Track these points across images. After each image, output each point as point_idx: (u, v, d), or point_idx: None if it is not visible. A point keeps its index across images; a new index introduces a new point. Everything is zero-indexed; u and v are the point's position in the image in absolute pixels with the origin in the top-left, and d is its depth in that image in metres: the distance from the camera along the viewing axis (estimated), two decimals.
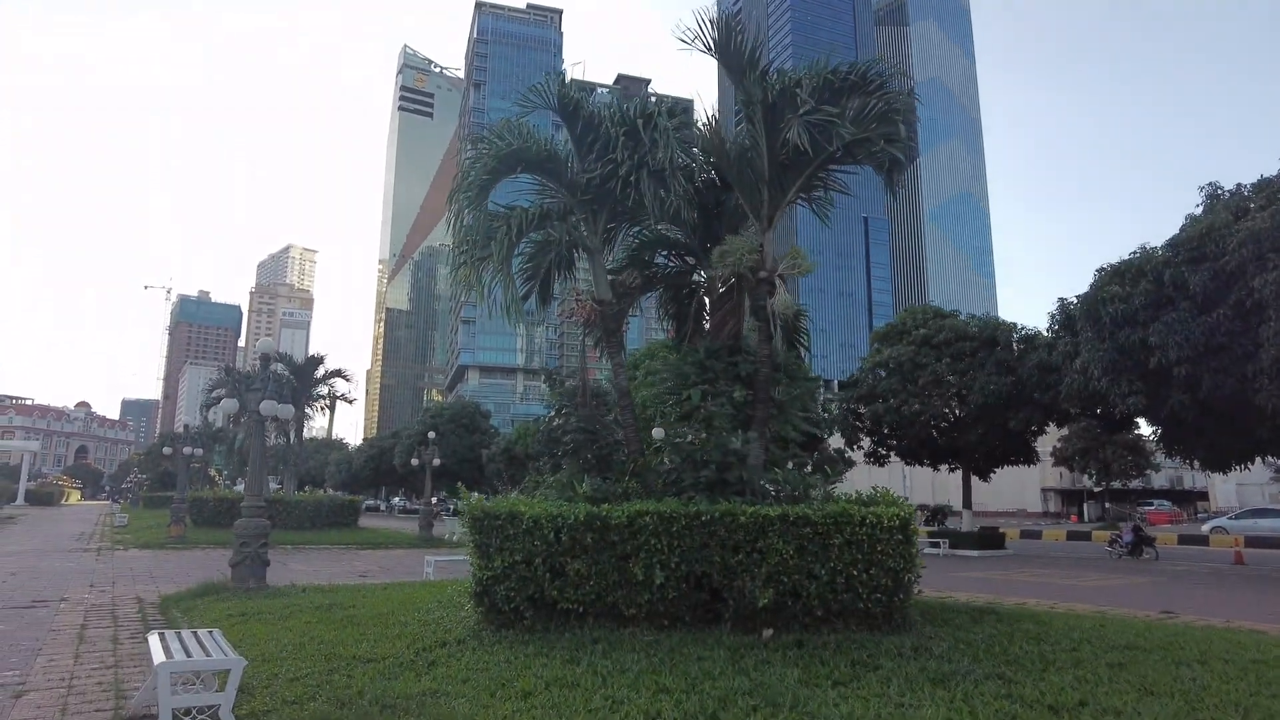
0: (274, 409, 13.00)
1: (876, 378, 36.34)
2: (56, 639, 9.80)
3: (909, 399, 35.71)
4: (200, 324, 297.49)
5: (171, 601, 12.36)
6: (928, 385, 36.75)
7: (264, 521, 13.16)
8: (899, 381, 35.33)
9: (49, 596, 13.51)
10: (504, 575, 8.67)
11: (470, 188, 10.30)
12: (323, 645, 8.18)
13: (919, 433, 36.64)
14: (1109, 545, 31.70)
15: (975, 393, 34.83)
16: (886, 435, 37.52)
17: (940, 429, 37.13)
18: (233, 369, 42.07)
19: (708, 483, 9.13)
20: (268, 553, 13.20)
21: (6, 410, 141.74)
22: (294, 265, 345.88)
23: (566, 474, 10.70)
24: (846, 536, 8.48)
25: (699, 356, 10.40)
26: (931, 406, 35.98)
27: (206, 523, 30.63)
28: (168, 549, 24.90)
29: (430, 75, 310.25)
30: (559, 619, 8.72)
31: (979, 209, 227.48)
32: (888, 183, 11.18)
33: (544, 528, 8.67)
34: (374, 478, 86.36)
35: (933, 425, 36.30)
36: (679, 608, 8.57)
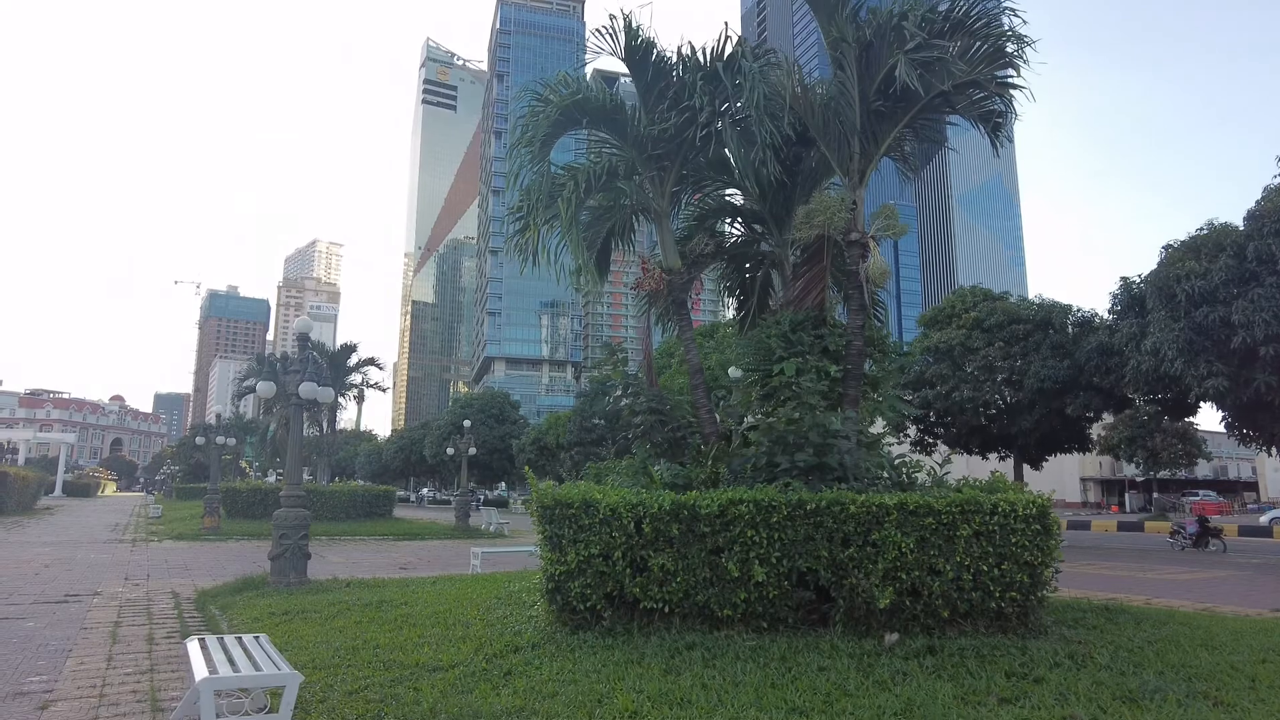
0: (314, 391, 12.13)
1: (924, 363, 34.96)
2: (88, 638, 8.99)
3: (959, 385, 34.36)
4: (229, 318, 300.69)
5: (209, 597, 11.55)
6: (979, 370, 35.36)
7: (304, 512, 12.31)
8: (948, 367, 34.00)
9: (82, 591, 12.78)
10: (579, 570, 7.68)
11: (531, 142, 9.30)
12: (379, 650, 7.25)
13: (968, 420, 35.24)
14: (1171, 537, 30.26)
15: (1030, 378, 33.37)
16: (934, 423, 36.21)
17: (990, 416, 35.74)
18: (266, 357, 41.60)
19: (805, 467, 8.07)
20: (308, 545, 12.35)
21: (44, 404, 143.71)
22: (321, 259, 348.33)
23: (638, 459, 9.69)
24: (975, 527, 7.39)
25: (783, 329, 9.35)
26: (982, 393, 34.61)
27: (240, 514, 30.10)
28: (202, 540, 24.33)
29: (453, 68, 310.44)
30: (641, 619, 7.73)
31: (1008, 194, 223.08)
32: (992, 137, 10.02)
33: (623, 518, 7.67)
34: (404, 468, 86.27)
35: (982, 412, 34.92)
36: (780, 608, 7.53)
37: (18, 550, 19.96)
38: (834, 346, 9.49)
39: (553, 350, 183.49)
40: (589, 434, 53.05)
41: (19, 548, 20.79)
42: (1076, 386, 33.14)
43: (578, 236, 9.19)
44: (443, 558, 20.64)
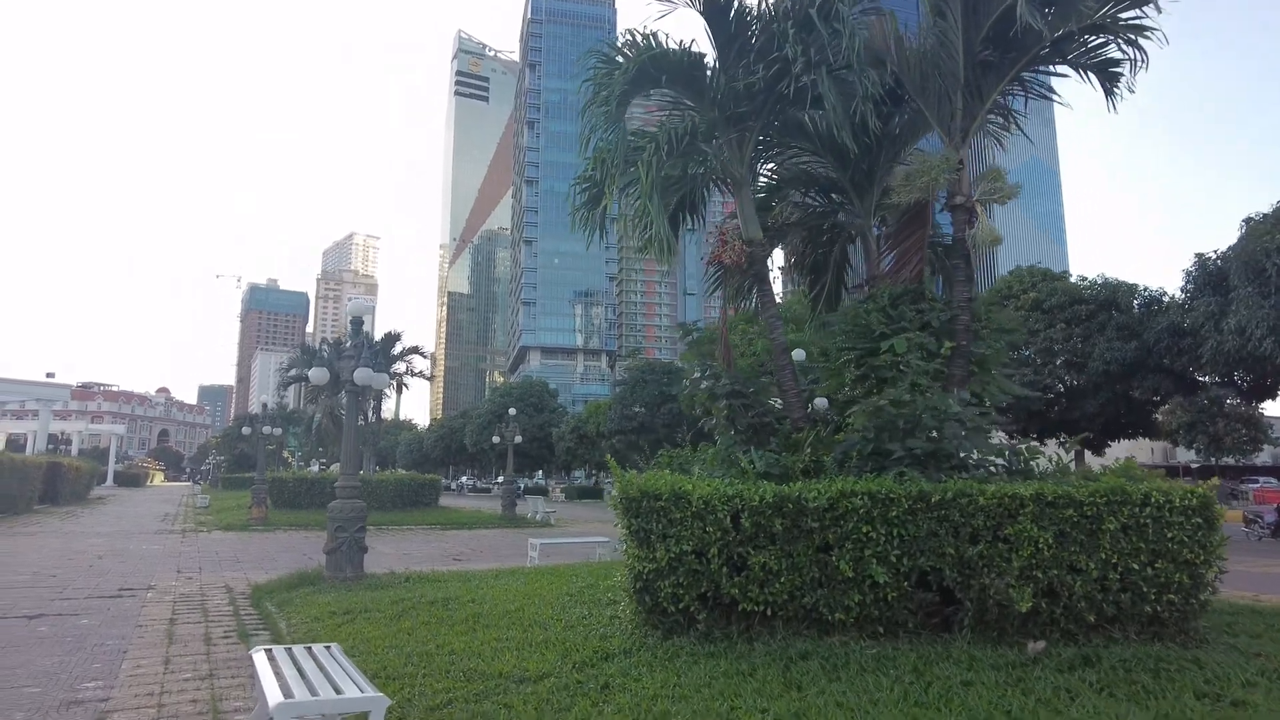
0: (370, 378, 11.56)
1: None
2: (144, 637, 8.51)
3: (1018, 368, 33.12)
4: (270, 311, 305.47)
5: (264, 593, 11.06)
6: (1038, 354, 34.00)
7: (360, 504, 11.77)
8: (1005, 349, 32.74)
9: (136, 584, 12.41)
10: (669, 569, 6.96)
11: (606, 102, 8.53)
12: (456, 656, 6.61)
13: (1028, 405, 33.98)
14: (1246, 525, 28.76)
15: (1094, 360, 31.98)
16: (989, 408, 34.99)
17: (1049, 400, 34.38)
18: (309, 347, 41.55)
19: (922, 455, 7.23)
20: (364, 538, 11.81)
21: (95, 396, 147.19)
22: (358, 252, 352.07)
23: (721, 446, 8.92)
24: (1123, 520, 6.52)
25: (882, 303, 8.51)
26: (1042, 376, 33.27)
27: (286, 504, 29.97)
28: (250, 531, 24.14)
29: (484, 59, 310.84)
30: (739, 623, 6.99)
31: (1051, 173, 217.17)
32: (1107, 90, 9.03)
33: (718, 511, 6.92)
34: (444, 457, 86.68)
35: (1041, 397, 33.60)
36: (899, 612, 6.73)
37: (72, 541, 19.86)
38: (937, 322, 8.62)
39: (587, 339, 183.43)
40: (629, 421, 52.52)
41: (73, 538, 20.72)
42: (1144, 368, 31.69)
43: (659, 203, 8.42)
44: (494, 548, 20.13)
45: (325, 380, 12.48)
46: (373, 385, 11.71)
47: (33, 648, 7.96)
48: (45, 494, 33.80)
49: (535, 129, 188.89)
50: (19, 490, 29.54)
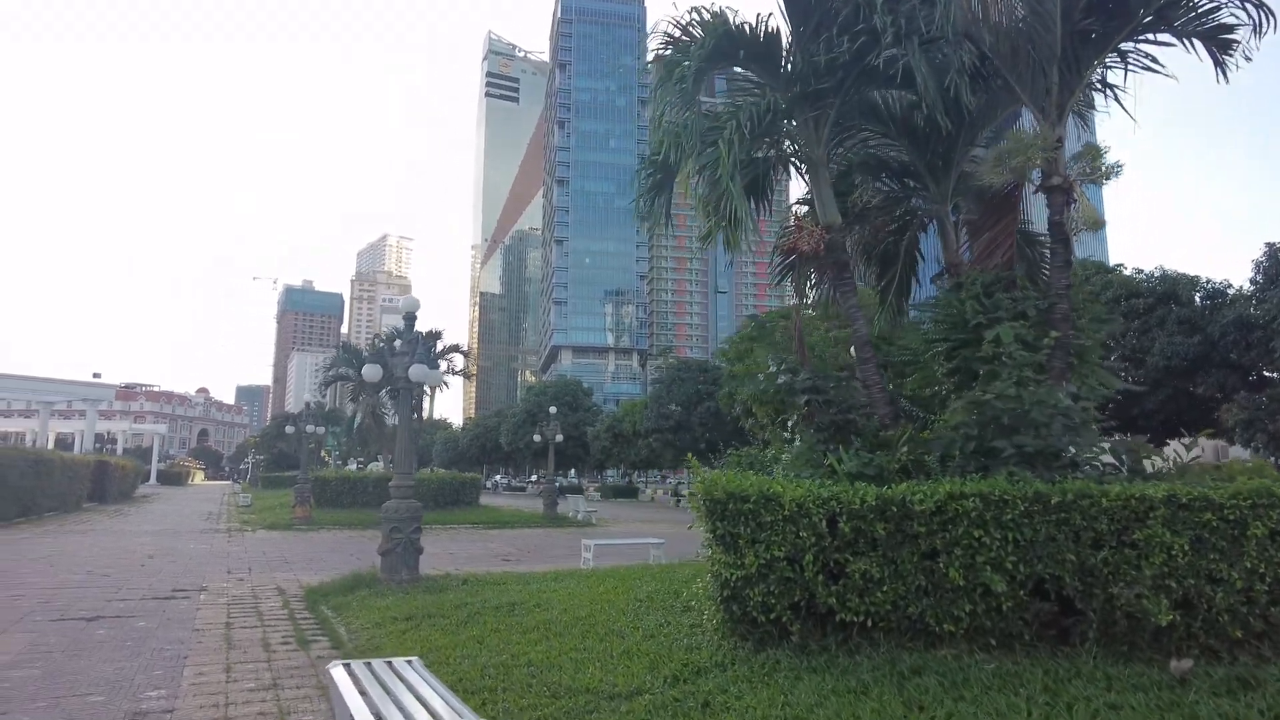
0: (424, 375, 11.23)
1: None
2: (202, 642, 8.22)
3: None
4: (305, 312, 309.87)
5: (318, 595, 10.77)
6: None
7: (415, 504, 11.45)
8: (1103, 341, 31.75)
9: (188, 585, 12.21)
10: (759, 576, 6.47)
11: (681, 79, 8.03)
12: (536, 669, 6.19)
13: None
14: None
15: (1154, 355, 30.82)
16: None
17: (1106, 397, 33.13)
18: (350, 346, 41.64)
19: (1032, 454, 6.66)
20: (420, 538, 11.48)
21: (138, 397, 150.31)
22: (391, 253, 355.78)
23: (805, 446, 8.40)
24: (1271, 525, 5.90)
25: (975, 290, 7.94)
26: None
27: (328, 503, 29.93)
28: (295, 530, 24.09)
29: (514, 60, 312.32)
30: (836, 634, 6.48)
31: None
32: (1218, 58, 8.36)
33: (813, 515, 6.42)
34: (479, 456, 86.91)
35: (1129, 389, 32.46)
36: (1013, 623, 6.18)
37: (123, 540, 19.88)
38: (1033, 311, 8.02)
39: (618, 338, 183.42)
40: (666, 420, 52.03)
41: (124, 537, 20.76)
42: (1208, 364, 30.46)
43: (740, 184, 7.92)
44: (541, 548, 19.80)
45: (379, 378, 12.19)
46: (426, 382, 11.37)
47: (93, 652, 7.70)
48: (94, 492, 34.23)
49: (566, 128, 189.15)
50: (69, 489, 29.88)
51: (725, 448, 40.80)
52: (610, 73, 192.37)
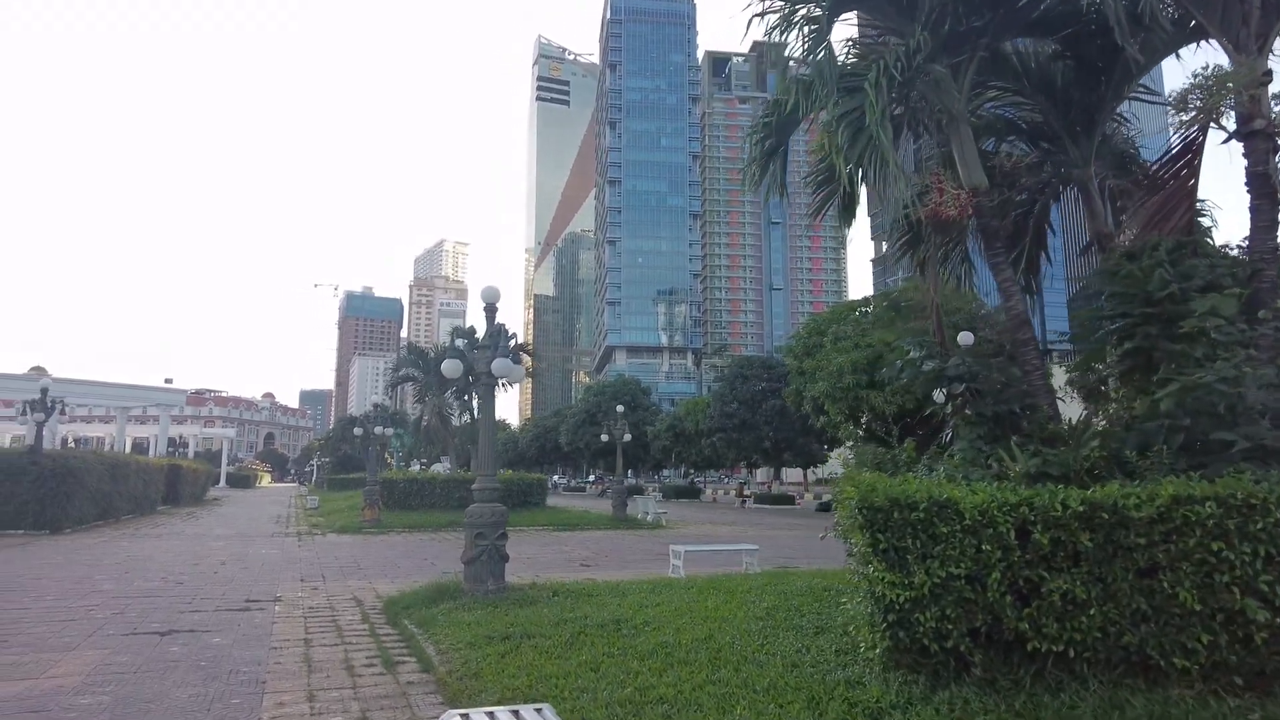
0: (507, 369, 10.39)
1: None
2: (280, 663, 7.47)
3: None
4: (365, 317, 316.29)
5: (398, 608, 9.99)
6: None
7: (501, 508, 10.63)
8: None
9: (261, 595, 11.60)
10: (932, 597, 5.39)
11: (809, 20, 7.00)
12: (672, 708, 5.21)
13: None
14: None
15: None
16: None
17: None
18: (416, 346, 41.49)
19: (1272, 449, 5.45)
20: (505, 545, 10.64)
21: (207, 402, 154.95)
22: (448, 258, 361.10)
23: (967, 443, 7.26)
24: None
25: (1160, 257, 6.72)
26: None
27: (396, 504, 29.55)
28: (365, 533, 23.68)
29: (564, 63, 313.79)
30: (1027, 666, 5.35)
31: None
32: None
33: (999, 524, 5.32)
34: (538, 456, 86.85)
35: None
36: (1270, 659, 4.98)
37: (195, 544, 19.63)
38: (1228, 281, 6.75)
39: (671, 338, 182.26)
40: (729, 419, 50.77)
41: (196, 541, 20.54)
42: None
43: (889, 133, 6.85)
44: (617, 552, 18.89)
45: (459, 373, 11.40)
46: (508, 377, 10.53)
47: (167, 674, 7.00)
48: (167, 495, 34.63)
49: (617, 129, 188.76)
50: (145, 492, 30.15)
51: (791, 447, 39.41)
52: (660, 71, 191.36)
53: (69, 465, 22.12)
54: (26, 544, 18.77)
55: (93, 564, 14.98)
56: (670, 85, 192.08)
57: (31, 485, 21.18)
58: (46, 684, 6.69)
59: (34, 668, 7.21)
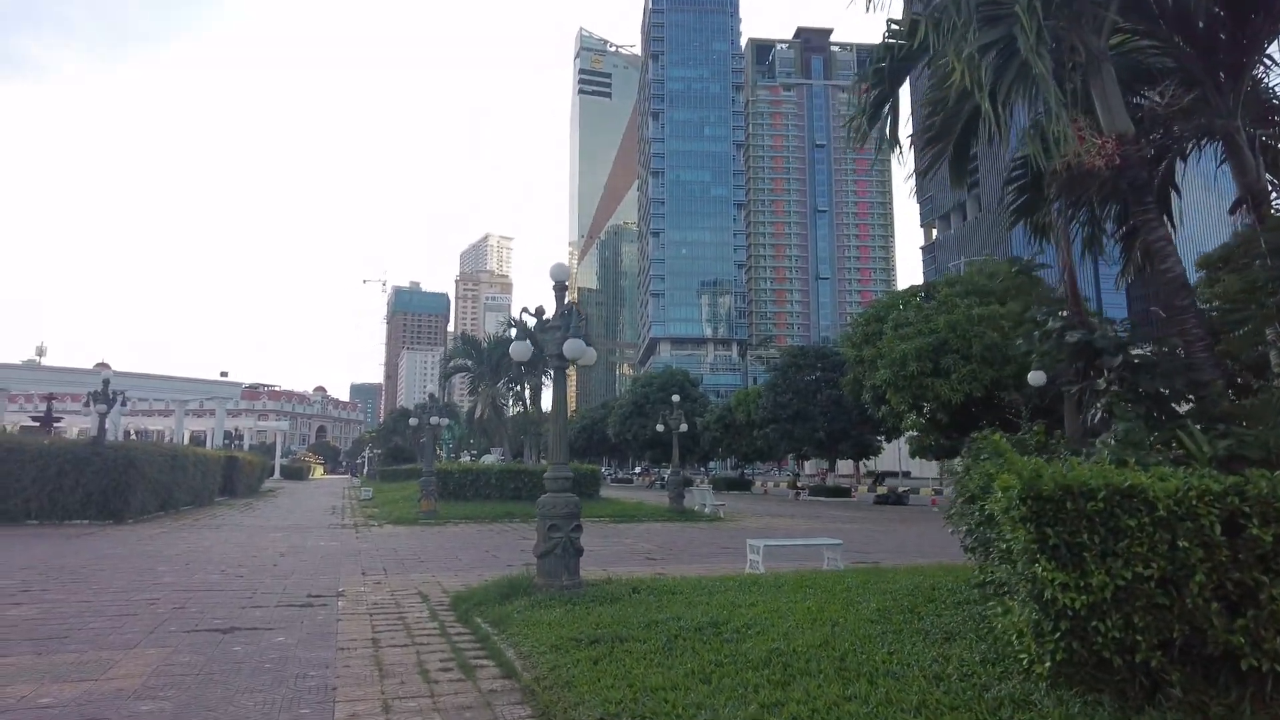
0: (580, 351, 9.71)
1: None
2: (350, 666, 6.88)
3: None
4: (413, 312, 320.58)
5: (470, 605, 9.39)
6: None
7: (574, 498, 9.96)
8: None
9: (324, 590, 11.11)
10: (1114, 603, 4.53)
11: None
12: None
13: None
14: None
15: None
16: None
17: None
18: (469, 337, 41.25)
19: None
20: (580, 537, 9.97)
21: (260, 396, 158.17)
22: (492, 252, 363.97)
23: (1128, 425, 6.34)
24: None
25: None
26: None
27: (451, 495, 29.26)
28: (422, 525, 23.33)
29: (606, 55, 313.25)
30: (1238, 687, 4.46)
31: None
32: None
33: (1202, 516, 4.43)
34: (586, 447, 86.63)
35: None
36: None
37: (253, 536, 19.42)
38: None
39: (715, 329, 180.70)
40: (783, 410, 49.61)
41: (254, 532, 20.36)
42: None
43: (1047, 63, 5.94)
44: (681, 546, 18.16)
45: (527, 356, 10.75)
46: (580, 359, 9.83)
47: (230, 678, 6.45)
48: (224, 487, 34.89)
49: (659, 119, 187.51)
50: (203, 484, 30.34)
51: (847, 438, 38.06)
52: (703, 60, 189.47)
53: (130, 456, 22.16)
54: (92, 533, 18.75)
55: (154, 555, 14.74)
56: (713, 74, 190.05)
57: (95, 476, 21.24)
58: (106, 686, 6.19)
59: (94, 667, 6.74)
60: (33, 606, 9.43)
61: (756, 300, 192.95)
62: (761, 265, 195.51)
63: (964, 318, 33.42)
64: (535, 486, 29.60)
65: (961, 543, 8.24)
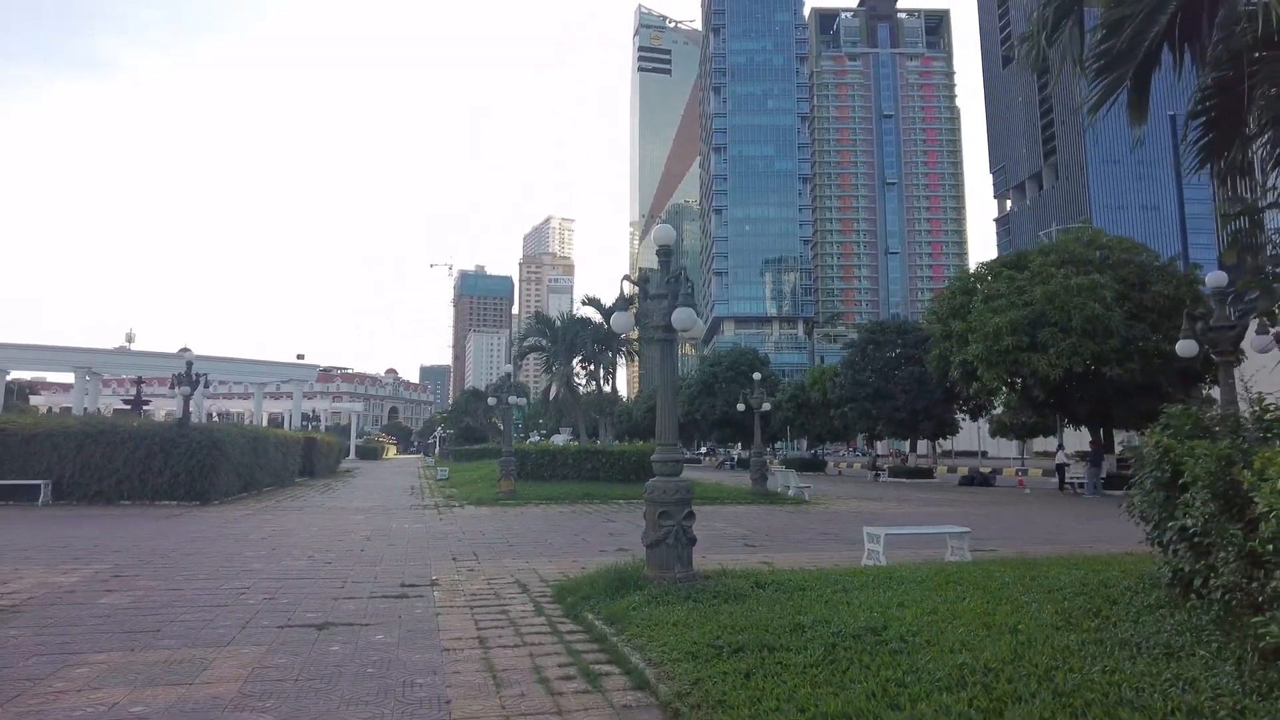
0: (689, 320, 8.78)
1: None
2: (459, 672, 6.14)
3: None
4: (479, 295, 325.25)
5: (575, 598, 8.62)
6: None
7: (686, 483, 9.08)
8: None
9: (416, 578, 10.51)
10: None
11: None
12: None
13: None
14: None
15: None
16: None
17: None
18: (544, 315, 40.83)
19: None
20: (693, 525, 9.10)
21: (334, 379, 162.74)
22: (554, 235, 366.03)
23: None
24: None
25: None
26: None
27: (528, 475, 28.83)
28: (502, 505, 22.91)
29: (665, 31, 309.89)
30: None
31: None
32: None
33: None
34: (652, 428, 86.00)
35: None
36: None
37: (336, 518, 19.20)
38: None
39: (780, 307, 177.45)
40: (862, 389, 47.88)
41: (336, 514, 20.17)
42: None
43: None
44: (777, 531, 17.20)
45: (630, 327, 9.89)
46: (690, 330, 8.90)
47: (333, 686, 5.77)
48: (304, 467, 35.31)
49: (721, 94, 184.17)
50: (284, 464, 30.65)
51: (930, 416, 36.20)
52: (766, 32, 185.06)
53: (214, 438, 22.25)
54: (179, 515, 18.79)
55: (240, 539, 14.49)
56: (776, 45, 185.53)
57: (182, 457, 21.37)
58: (201, 693, 5.58)
59: (188, 668, 6.17)
60: (125, 594, 9.05)
61: (823, 277, 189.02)
62: (828, 241, 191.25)
63: (1061, 288, 31.32)
64: (612, 467, 28.99)
65: (1149, 535, 7.09)
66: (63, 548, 12.97)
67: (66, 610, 8.21)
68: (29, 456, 20.75)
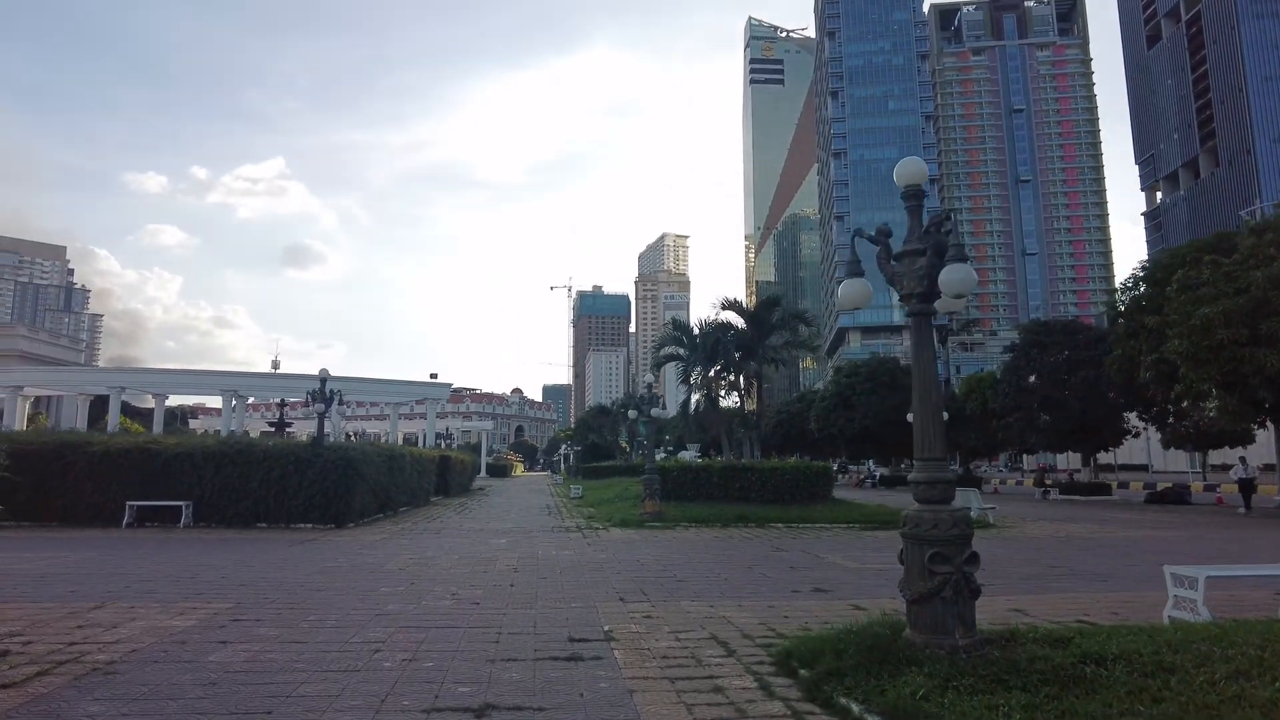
0: (963, 279, 6.28)
1: None
2: None
3: None
4: (597, 315, 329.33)
5: (816, 671, 6.21)
6: None
7: (965, 513, 6.56)
8: None
9: (585, 629, 8.35)
10: None
11: None
12: None
13: None
14: None
15: None
16: None
17: None
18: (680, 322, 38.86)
19: None
20: (976, 570, 6.51)
21: (464, 399, 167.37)
22: (669, 252, 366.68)
23: None
24: None
25: None
26: None
27: (669, 495, 26.45)
28: (649, 528, 20.77)
29: (777, 42, 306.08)
30: None
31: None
32: None
33: None
34: (782, 443, 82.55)
35: None
36: None
37: (476, 542, 17.53)
38: None
39: None
40: (1027, 396, 43.11)
41: (476, 538, 18.54)
42: None
43: None
44: (985, 561, 14.11)
45: (864, 299, 7.41)
46: (963, 294, 6.36)
47: None
48: (439, 486, 34.52)
49: (839, 98, 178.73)
50: (419, 483, 29.76)
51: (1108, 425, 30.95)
52: (883, 32, 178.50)
53: (349, 457, 21.23)
54: (314, 539, 17.64)
55: (375, 570, 12.86)
56: (895, 45, 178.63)
57: (316, 478, 20.41)
58: None
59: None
60: (240, 647, 7.32)
61: None
62: (960, 243, 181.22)
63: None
64: (763, 486, 26.31)
65: None
66: (190, 579, 11.69)
67: (168, 672, 6.50)
68: (172, 476, 20.31)
